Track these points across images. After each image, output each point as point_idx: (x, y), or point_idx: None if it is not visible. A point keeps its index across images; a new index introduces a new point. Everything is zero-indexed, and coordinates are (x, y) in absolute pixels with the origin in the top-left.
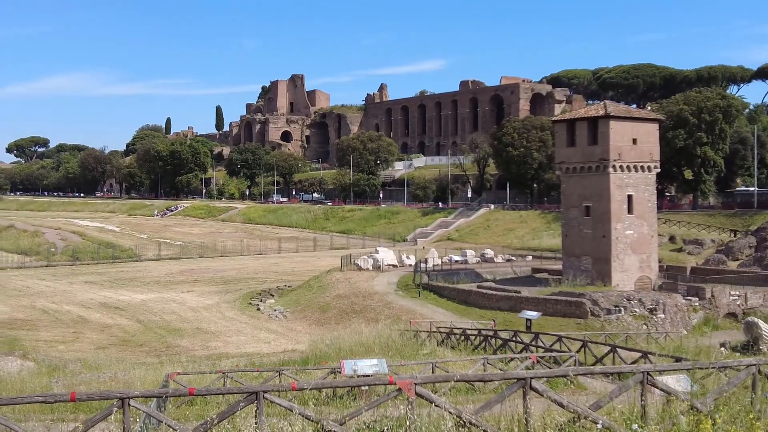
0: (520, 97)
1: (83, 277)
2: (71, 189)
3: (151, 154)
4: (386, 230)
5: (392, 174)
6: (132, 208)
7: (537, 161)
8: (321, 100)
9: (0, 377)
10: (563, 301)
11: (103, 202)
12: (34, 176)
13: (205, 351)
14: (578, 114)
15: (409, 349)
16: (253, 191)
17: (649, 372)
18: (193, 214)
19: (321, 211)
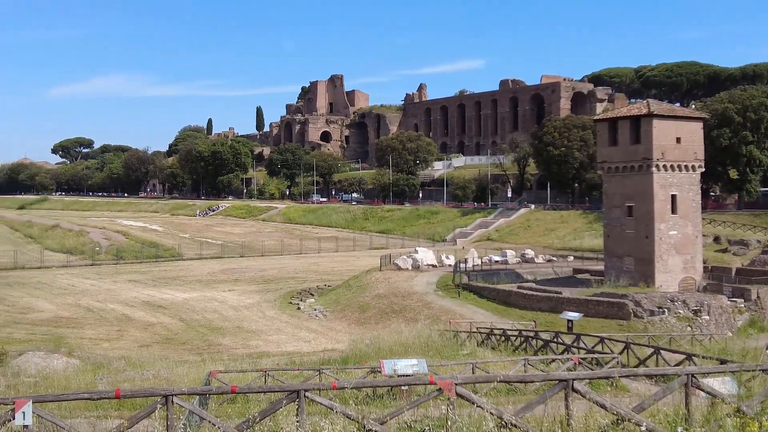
0: (561, 95)
1: (127, 275)
2: (115, 189)
3: (192, 154)
4: (425, 230)
5: (431, 174)
6: (174, 208)
7: (578, 161)
8: (360, 100)
9: (46, 374)
10: (605, 302)
11: (146, 202)
12: (78, 177)
13: (246, 349)
14: (620, 113)
15: (449, 349)
16: (292, 191)
17: (693, 374)
18: (234, 214)
19: (360, 211)
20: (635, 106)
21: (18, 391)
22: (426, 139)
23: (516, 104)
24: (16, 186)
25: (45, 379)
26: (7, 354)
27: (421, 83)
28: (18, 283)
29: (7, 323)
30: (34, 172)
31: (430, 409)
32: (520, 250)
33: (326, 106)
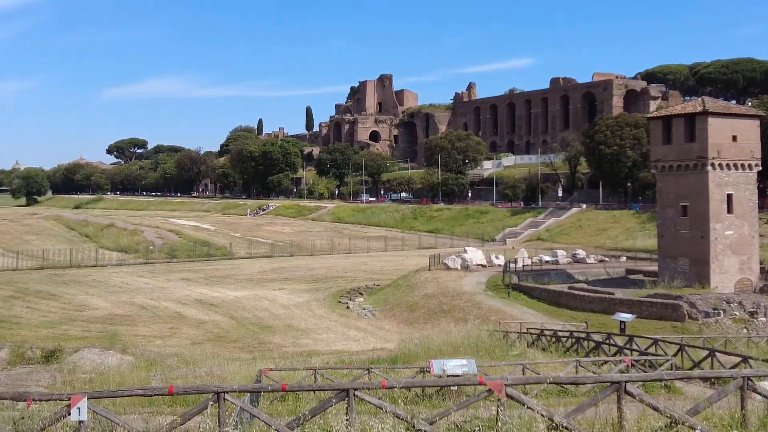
0: (614, 93)
1: (179, 274)
2: (168, 189)
3: (243, 154)
4: (474, 230)
5: (480, 173)
6: (225, 207)
7: (631, 159)
8: (409, 100)
9: (101, 371)
10: (659, 304)
11: (198, 202)
12: (133, 176)
13: (296, 348)
14: (675, 110)
15: (499, 349)
16: (341, 191)
17: (749, 377)
18: (284, 213)
19: (409, 210)
20: (690, 103)
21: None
22: (475, 138)
23: (567, 102)
24: (72, 186)
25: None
26: (63, 350)
27: (470, 82)
28: (74, 281)
29: (63, 320)
30: (90, 172)
31: (480, 409)
32: (571, 250)
33: (375, 106)
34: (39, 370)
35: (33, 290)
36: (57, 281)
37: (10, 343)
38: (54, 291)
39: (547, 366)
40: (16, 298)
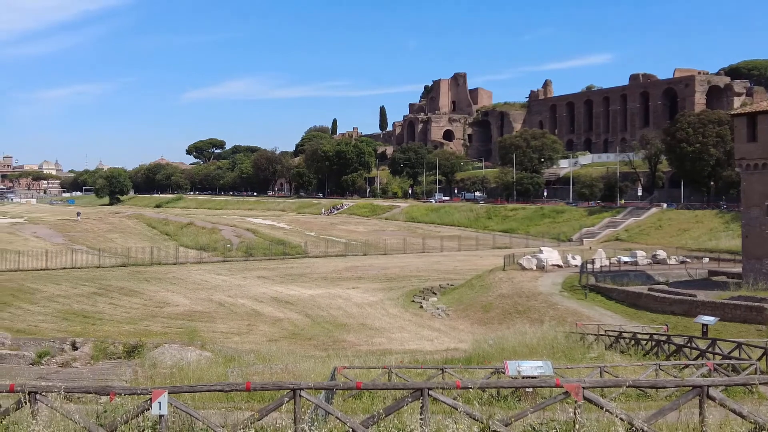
0: (696, 90)
1: (256, 272)
2: (245, 188)
3: (318, 154)
4: (550, 230)
5: (557, 172)
6: (300, 206)
7: (714, 158)
8: (483, 98)
9: (181, 366)
10: (743, 306)
11: (274, 201)
12: (211, 176)
13: (370, 346)
14: (760, 107)
15: (576, 352)
16: (415, 190)
17: None
18: (358, 212)
19: (483, 209)
20: None
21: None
22: (551, 137)
23: (647, 99)
24: (153, 185)
25: (180, 370)
26: (145, 346)
27: (546, 79)
28: (155, 278)
29: (144, 317)
30: (170, 172)
31: (557, 412)
32: (650, 250)
33: (449, 105)
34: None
35: (116, 287)
36: (139, 278)
37: (93, 339)
38: (136, 288)
39: (626, 369)
40: (99, 294)
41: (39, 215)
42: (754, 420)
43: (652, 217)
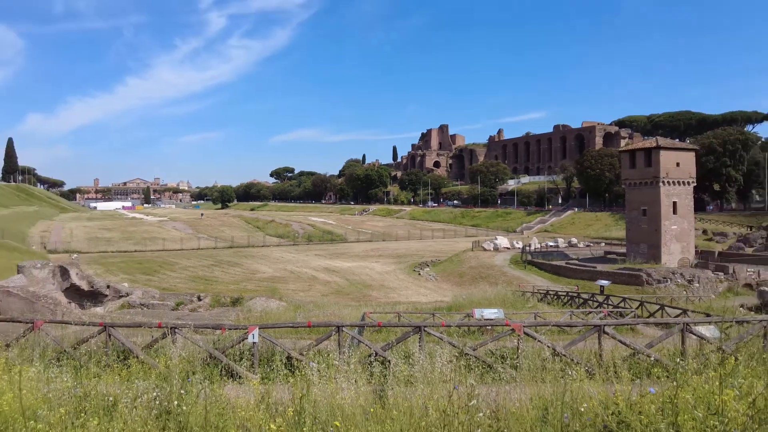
0: (596, 135)
1: (313, 252)
2: (307, 198)
3: (353, 176)
4: (502, 225)
5: (506, 188)
6: (341, 210)
7: (608, 178)
8: (459, 141)
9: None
10: (626, 274)
11: (325, 207)
12: (285, 190)
13: (386, 299)
14: (637, 146)
15: (518, 303)
16: (415, 199)
17: (687, 323)
18: (378, 213)
19: (459, 212)
20: (648, 141)
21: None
22: (502, 165)
23: (565, 141)
24: (249, 196)
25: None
26: (243, 298)
27: (500, 128)
28: (249, 256)
29: (243, 280)
30: (259, 188)
31: (507, 342)
32: (567, 238)
33: (437, 145)
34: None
35: (225, 261)
36: (239, 255)
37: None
38: (237, 261)
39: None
40: (214, 266)
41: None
42: (634, 347)
43: (568, 216)
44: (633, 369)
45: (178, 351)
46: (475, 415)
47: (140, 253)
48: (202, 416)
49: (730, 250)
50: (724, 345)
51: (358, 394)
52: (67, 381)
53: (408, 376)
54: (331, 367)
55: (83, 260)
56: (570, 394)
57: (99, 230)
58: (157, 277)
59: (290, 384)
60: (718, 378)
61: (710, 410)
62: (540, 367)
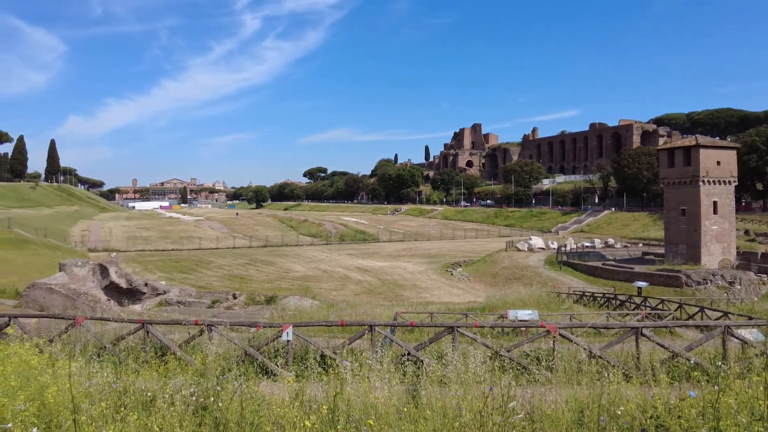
0: (633, 133)
1: (346, 251)
2: (339, 198)
3: (385, 176)
4: (537, 225)
5: (540, 187)
6: (374, 210)
7: (646, 177)
8: (492, 140)
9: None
10: (665, 275)
11: (358, 206)
12: (318, 190)
13: (418, 299)
14: (676, 144)
15: (553, 304)
16: (448, 199)
17: (729, 326)
18: (410, 213)
19: (492, 211)
20: (687, 139)
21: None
22: (537, 164)
23: (601, 140)
24: (283, 196)
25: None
26: (277, 297)
27: (534, 127)
28: (283, 255)
29: (276, 278)
30: (293, 188)
31: (542, 344)
32: (604, 239)
33: (470, 144)
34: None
35: (259, 260)
36: (273, 254)
37: (246, 292)
38: (271, 260)
39: (586, 316)
40: (249, 264)
41: (212, 215)
42: (672, 350)
43: (604, 216)
44: (672, 372)
45: (214, 348)
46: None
47: (177, 252)
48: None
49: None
50: None
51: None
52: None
53: (441, 377)
54: (364, 366)
55: (122, 259)
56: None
57: (137, 229)
58: (193, 275)
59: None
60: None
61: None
62: (576, 370)
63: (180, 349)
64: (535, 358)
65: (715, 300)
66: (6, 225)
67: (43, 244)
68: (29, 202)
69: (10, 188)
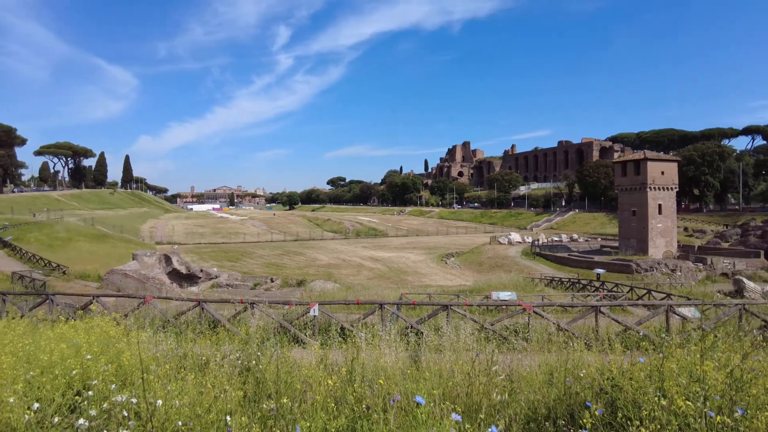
0: (593, 149)
1: (361, 244)
2: (355, 202)
3: (393, 184)
4: (515, 223)
5: (518, 192)
6: (383, 211)
7: (603, 185)
8: (479, 154)
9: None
10: (619, 264)
11: (370, 208)
12: (339, 195)
13: (419, 283)
14: (628, 158)
15: (528, 287)
16: (443, 202)
17: (671, 305)
18: (413, 214)
19: (479, 212)
20: (637, 154)
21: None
22: (515, 174)
23: (567, 154)
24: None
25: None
26: (306, 281)
27: (513, 144)
28: (310, 247)
29: (305, 266)
30: (318, 194)
31: (519, 319)
32: (569, 234)
33: (461, 158)
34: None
35: (291, 251)
36: (302, 246)
37: (281, 277)
38: (301, 251)
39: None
40: (283, 255)
41: (254, 215)
42: (625, 324)
43: (570, 216)
44: (624, 342)
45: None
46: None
47: (226, 245)
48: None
49: (708, 244)
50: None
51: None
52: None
53: (437, 345)
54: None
55: (182, 250)
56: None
57: (194, 226)
58: (239, 263)
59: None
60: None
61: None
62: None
63: (228, 322)
64: (513, 330)
65: (660, 284)
66: (91, 223)
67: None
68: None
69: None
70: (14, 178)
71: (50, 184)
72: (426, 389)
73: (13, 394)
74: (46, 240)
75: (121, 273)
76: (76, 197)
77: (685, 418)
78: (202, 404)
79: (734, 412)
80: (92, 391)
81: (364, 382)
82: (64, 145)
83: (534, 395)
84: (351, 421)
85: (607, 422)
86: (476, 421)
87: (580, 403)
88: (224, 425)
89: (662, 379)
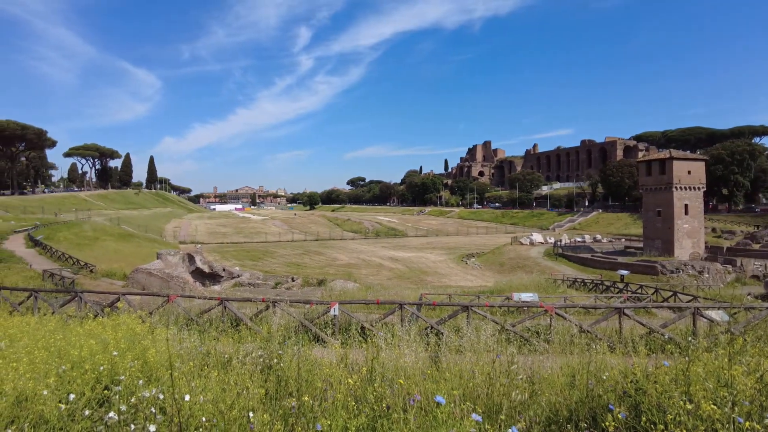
0: (617, 148)
1: (380, 244)
2: (375, 202)
3: (413, 183)
4: (537, 223)
5: (540, 192)
6: (403, 211)
7: (627, 185)
8: (500, 154)
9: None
10: (643, 265)
11: (390, 208)
12: (358, 195)
13: (439, 283)
14: (653, 157)
15: (550, 288)
16: (463, 202)
17: (698, 308)
18: (432, 214)
19: (500, 212)
20: (662, 153)
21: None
22: (537, 174)
23: (590, 153)
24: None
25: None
26: (326, 280)
27: (535, 143)
28: (330, 247)
29: (325, 266)
30: (338, 194)
31: (540, 320)
32: (592, 235)
33: (481, 157)
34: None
35: (312, 250)
36: (322, 246)
37: (302, 276)
38: (321, 251)
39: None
40: (304, 254)
41: (275, 215)
42: (649, 327)
43: (593, 217)
44: (649, 345)
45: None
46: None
47: (248, 244)
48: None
49: (738, 246)
50: (732, 328)
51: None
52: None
53: (458, 346)
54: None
55: (204, 249)
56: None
57: (217, 226)
58: (261, 262)
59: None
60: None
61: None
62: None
63: (250, 321)
64: (535, 332)
65: (686, 286)
66: (116, 223)
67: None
68: (133, 205)
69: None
70: (45, 179)
71: (78, 184)
72: (446, 390)
73: (46, 387)
74: (75, 239)
75: (146, 272)
76: (102, 197)
77: (712, 424)
78: (224, 401)
79: (764, 419)
80: (120, 386)
81: (384, 382)
82: (92, 146)
83: (555, 397)
84: (371, 420)
85: (630, 426)
86: (496, 422)
87: (603, 406)
88: (246, 422)
89: (688, 383)
